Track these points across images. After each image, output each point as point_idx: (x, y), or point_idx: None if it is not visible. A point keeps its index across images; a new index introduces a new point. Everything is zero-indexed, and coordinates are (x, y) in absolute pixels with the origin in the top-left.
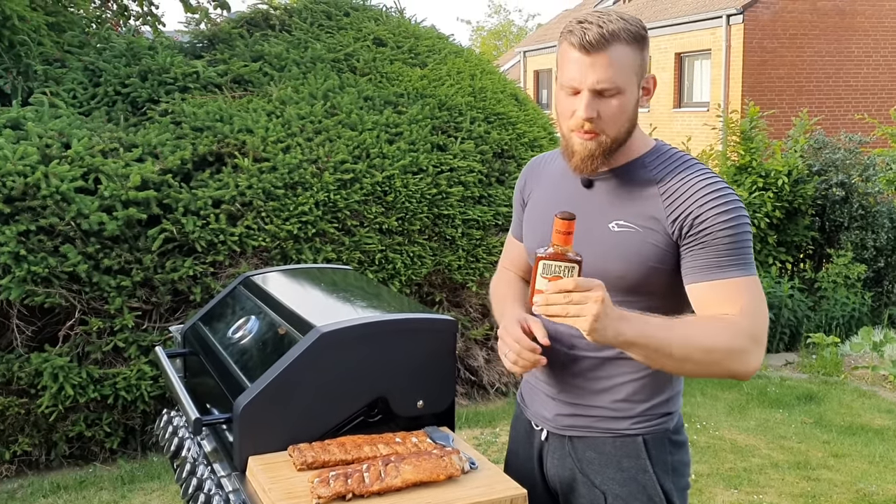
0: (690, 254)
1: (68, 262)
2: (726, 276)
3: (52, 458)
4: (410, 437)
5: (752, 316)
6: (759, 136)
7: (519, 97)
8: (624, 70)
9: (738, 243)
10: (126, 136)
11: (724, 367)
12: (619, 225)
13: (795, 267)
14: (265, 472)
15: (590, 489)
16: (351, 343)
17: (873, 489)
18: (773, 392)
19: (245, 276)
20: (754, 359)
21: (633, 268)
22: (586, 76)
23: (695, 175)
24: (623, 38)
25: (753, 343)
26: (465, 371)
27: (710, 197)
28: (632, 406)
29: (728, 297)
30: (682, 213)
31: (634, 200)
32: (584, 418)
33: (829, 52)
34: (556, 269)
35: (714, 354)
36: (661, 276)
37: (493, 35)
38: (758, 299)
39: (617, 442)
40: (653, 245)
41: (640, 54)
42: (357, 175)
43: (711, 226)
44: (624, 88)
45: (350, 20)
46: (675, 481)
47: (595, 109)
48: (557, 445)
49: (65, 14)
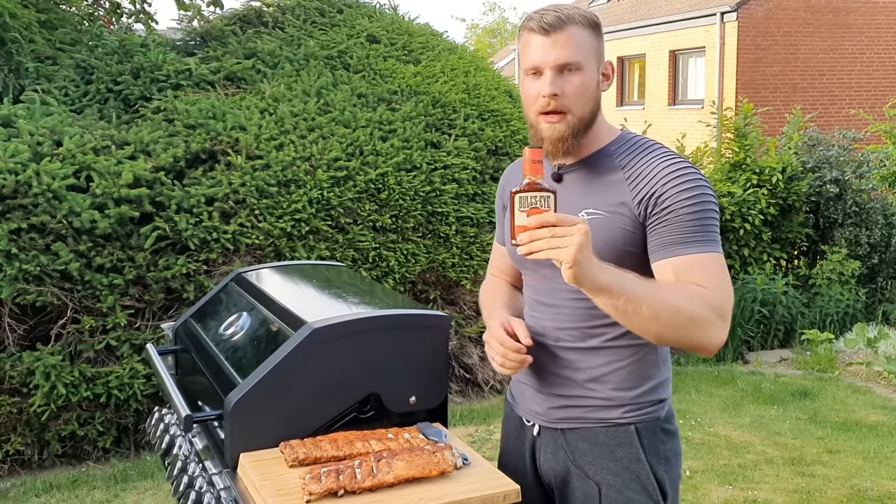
0: (654, 232)
1: (60, 260)
2: (690, 251)
3: (44, 458)
4: (403, 434)
5: (717, 291)
6: (753, 133)
7: (513, 94)
8: (583, 49)
9: (700, 220)
10: (118, 133)
11: (691, 333)
12: (588, 213)
13: (790, 264)
14: (256, 468)
15: (583, 481)
16: (343, 339)
17: (868, 485)
18: (767, 388)
19: (237, 272)
20: (718, 332)
21: (604, 254)
22: (548, 54)
23: (657, 157)
24: (579, 22)
25: (719, 317)
26: (459, 368)
27: (672, 176)
28: (622, 394)
29: (693, 273)
30: (646, 194)
31: (602, 188)
32: (575, 409)
33: (823, 49)
34: (532, 201)
35: (682, 317)
36: (632, 259)
37: (488, 33)
38: (723, 275)
39: (609, 431)
40: (621, 229)
41: (597, 39)
42: (351, 172)
43: (673, 203)
44: (584, 65)
45: (343, 17)
46: (668, 471)
47: (559, 86)
48: (550, 439)
49: (56, 11)
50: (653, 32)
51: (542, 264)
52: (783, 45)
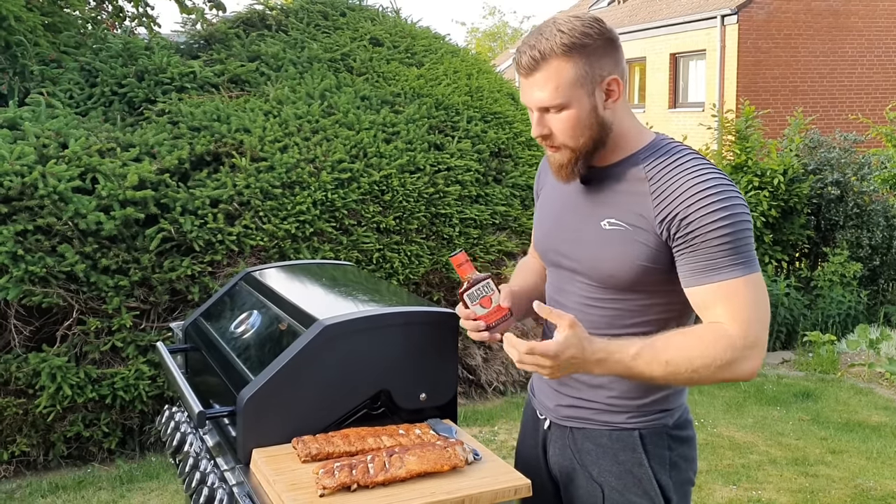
0: (682, 257)
1: (66, 261)
2: (721, 278)
3: (50, 459)
4: (414, 429)
5: (745, 321)
6: (754, 135)
7: (515, 96)
8: (562, 85)
9: (732, 242)
10: (123, 135)
11: (716, 378)
12: (609, 223)
13: (791, 266)
14: (269, 464)
15: (588, 481)
16: (354, 336)
17: (871, 484)
18: (770, 390)
19: (246, 271)
20: (750, 364)
21: (623, 267)
22: (530, 97)
23: (685, 171)
24: (556, 54)
25: (746, 349)
26: (463, 370)
27: (698, 197)
28: (626, 402)
29: (721, 300)
30: (670, 214)
31: (625, 198)
32: (582, 410)
33: (824, 52)
34: (478, 293)
35: (701, 371)
36: (653, 275)
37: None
38: (753, 300)
39: (613, 435)
40: (642, 244)
41: (584, 63)
42: (354, 174)
43: (700, 227)
44: (567, 103)
45: (346, 20)
46: (674, 476)
47: (545, 126)
48: (559, 435)
49: (60, 14)
50: (653, 36)
51: (560, 264)
52: (784, 48)
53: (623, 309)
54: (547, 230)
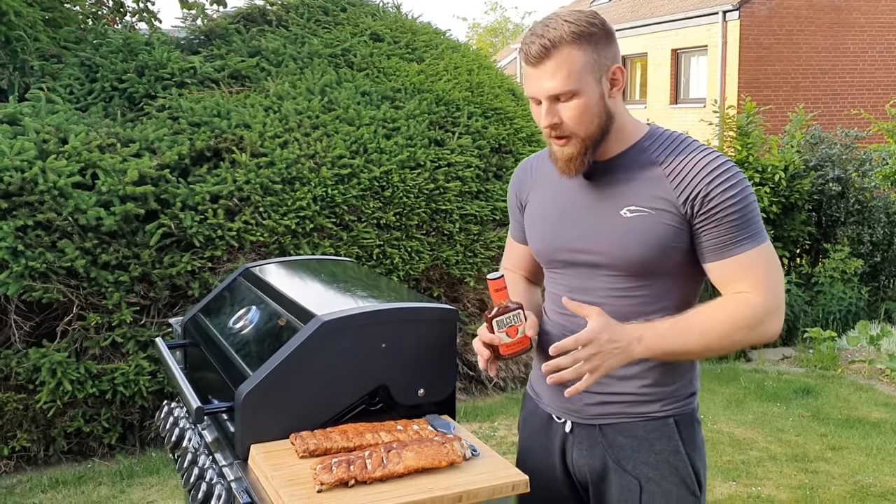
0: (704, 233)
1: (66, 257)
2: (739, 250)
3: (50, 454)
4: (412, 425)
5: (766, 288)
6: (755, 131)
7: (516, 92)
8: (574, 72)
9: (746, 216)
10: (123, 131)
11: (745, 343)
12: (630, 210)
13: (792, 262)
14: (267, 459)
15: (622, 476)
16: (352, 331)
17: (871, 481)
18: (770, 386)
19: (245, 267)
20: (773, 327)
21: (651, 251)
22: (539, 86)
23: (695, 153)
24: (566, 41)
25: (769, 313)
26: (463, 366)
27: (715, 174)
28: (659, 389)
29: (744, 271)
30: (692, 193)
31: (641, 184)
32: (613, 405)
33: (825, 47)
34: (507, 321)
35: (732, 337)
36: (677, 256)
37: (490, 32)
38: (771, 265)
39: (649, 425)
40: (667, 225)
41: (592, 50)
42: (355, 170)
43: (719, 202)
44: (579, 90)
45: (347, 15)
46: (702, 460)
47: (556, 116)
48: (585, 435)
49: (61, 10)
50: (654, 31)
51: (576, 262)
52: (785, 44)
53: (648, 295)
54: (549, 233)
